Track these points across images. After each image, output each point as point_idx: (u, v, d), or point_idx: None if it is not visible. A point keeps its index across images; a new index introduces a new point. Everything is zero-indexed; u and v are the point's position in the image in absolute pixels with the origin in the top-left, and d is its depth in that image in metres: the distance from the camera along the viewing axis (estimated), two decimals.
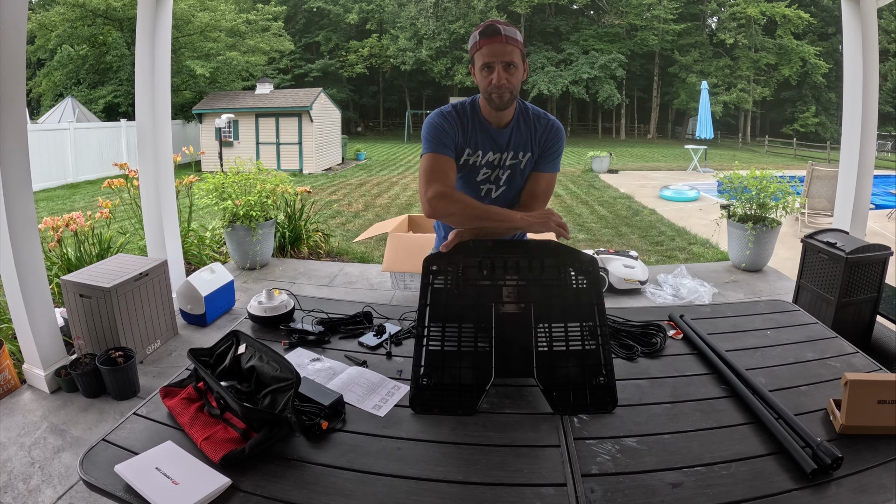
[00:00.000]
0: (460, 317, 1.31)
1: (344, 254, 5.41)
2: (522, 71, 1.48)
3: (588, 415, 1.21)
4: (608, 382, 1.25)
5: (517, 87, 1.48)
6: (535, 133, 1.58)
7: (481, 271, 1.34)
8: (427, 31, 29.03)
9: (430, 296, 1.31)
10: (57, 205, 9.34)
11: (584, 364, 1.26)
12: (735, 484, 0.99)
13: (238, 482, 1.00)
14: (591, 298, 1.31)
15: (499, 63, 1.43)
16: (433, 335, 1.29)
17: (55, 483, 1.99)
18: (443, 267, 1.33)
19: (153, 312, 3.03)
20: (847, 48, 3.48)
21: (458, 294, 1.32)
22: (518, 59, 1.45)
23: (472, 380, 1.26)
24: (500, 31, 1.42)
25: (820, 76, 27.05)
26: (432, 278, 1.32)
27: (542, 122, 1.59)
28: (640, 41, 28.37)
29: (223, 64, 19.16)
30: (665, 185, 10.45)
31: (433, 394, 1.24)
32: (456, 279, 1.33)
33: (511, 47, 1.43)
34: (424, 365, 1.27)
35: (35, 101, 22.69)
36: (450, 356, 1.28)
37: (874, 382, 1.12)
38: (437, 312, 1.31)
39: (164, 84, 3.44)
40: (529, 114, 1.60)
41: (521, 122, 1.57)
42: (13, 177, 2.33)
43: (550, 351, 1.28)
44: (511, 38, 1.43)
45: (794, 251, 4.60)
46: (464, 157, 1.57)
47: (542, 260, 1.34)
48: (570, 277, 1.33)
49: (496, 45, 1.42)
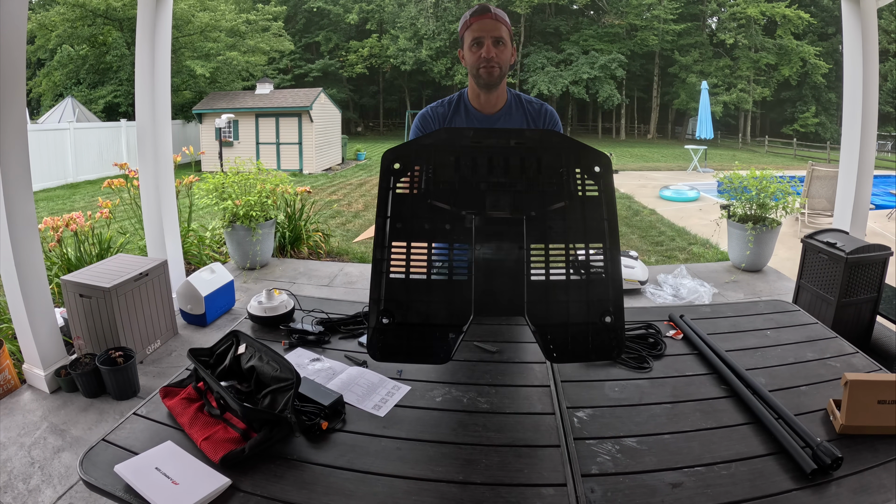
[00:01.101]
0: (430, 233, 1.02)
1: (344, 254, 5.41)
2: (511, 53, 1.53)
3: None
4: (615, 323, 1.00)
5: (506, 65, 1.51)
6: (528, 118, 1.58)
7: (458, 170, 1.04)
8: (427, 31, 29.03)
9: (391, 205, 1.02)
10: (57, 205, 9.34)
11: (587, 298, 1.00)
12: (735, 484, 0.99)
13: (238, 482, 1.00)
14: (601, 211, 1.02)
15: (488, 38, 1.47)
16: (395, 259, 1.01)
17: (55, 483, 1.99)
18: (407, 164, 1.03)
19: (153, 312, 3.03)
20: (847, 48, 3.48)
21: (428, 202, 1.02)
22: (507, 37, 1.50)
23: (445, 318, 1.00)
24: (489, 9, 1.48)
25: (820, 76, 27.06)
26: (394, 180, 1.02)
27: (534, 106, 1.61)
28: (640, 41, 28.37)
29: (223, 64, 19.17)
30: (665, 185, 10.45)
31: (396, 335, 1.00)
32: (425, 181, 1.03)
33: (500, 24, 1.48)
34: (385, 298, 1.00)
35: (35, 101, 22.70)
36: (416, 287, 1.01)
37: (874, 382, 1.12)
38: (401, 228, 1.01)
39: (164, 84, 3.44)
40: (522, 100, 1.62)
41: (514, 108, 1.59)
42: (13, 177, 2.33)
43: (546, 280, 1.01)
44: (500, 17, 1.49)
45: (794, 251, 4.60)
46: None
47: (540, 156, 1.03)
48: (576, 181, 1.03)
49: (486, 20, 1.47)
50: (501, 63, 1.49)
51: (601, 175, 1.03)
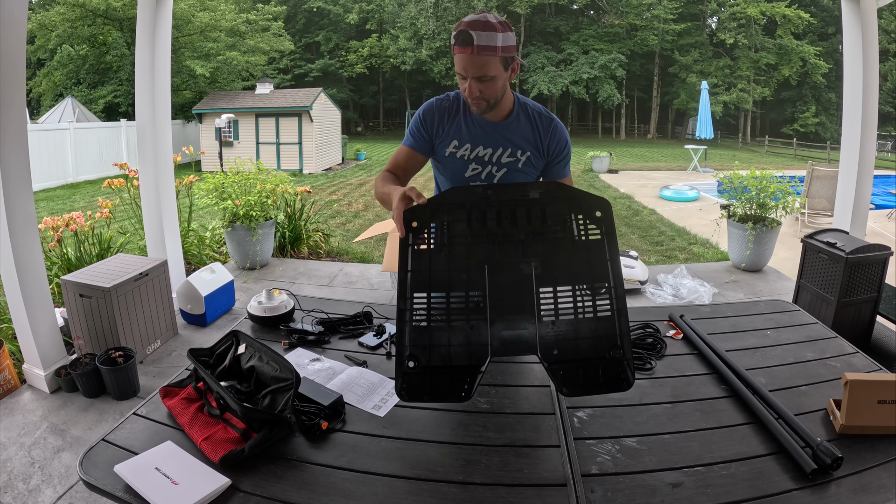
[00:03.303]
0: (448, 284, 1.12)
1: (344, 254, 5.41)
2: (506, 76, 1.36)
3: (600, 397, 1.09)
4: (624, 355, 1.07)
5: (497, 93, 1.37)
6: (536, 132, 1.48)
7: (470, 224, 1.14)
8: (427, 31, 29.03)
9: (412, 260, 1.12)
10: (57, 205, 9.34)
11: (596, 334, 1.08)
12: (735, 484, 0.99)
13: (238, 482, 1.00)
14: (605, 253, 1.10)
15: (470, 76, 1.32)
16: (417, 309, 1.11)
17: (55, 483, 1.99)
18: (425, 222, 1.14)
19: (153, 312, 3.03)
20: (847, 48, 3.47)
21: (445, 255, 1.12)
22: (494, 71, 1.31)
23: (464, 360, 1.09)
24: (471, 42, 1.27)
25: (820, 76, 27.05)
26: (413, 237, 1.13)
27: (544, 121, 1.48)
28: (640, 41, 28.36)
29: (223, 64, 19.16)
30: (665, 185, 10.45)
31: (421, 378, 1.09)
32: (441, 237, 1.14)
33: (484, 58, 1.29)
34: (409, 345, 1.10)
35: (35, 101, 22.69)
36: (438, 333, 1.10)
37: (874, 382, 1.12)
38: (421, 280, 1.12)
39: (164, 84, 3.44)
40: (529, 109, 1.49)
41: (522, 117, 1.47)
42: (13, 177, 2.33)
43: (556, 320, 1.10)
44: (485, 48, 1.28)
45: (794, 251, 4.60)
46: (448, 149, 1.47)
47: (544, 207, 1.13)
48: (579, 226, 1.13)
49: (466, 56, 1.29)
50: (489, 97, 1.36)
51: (602, 219, 1.12)
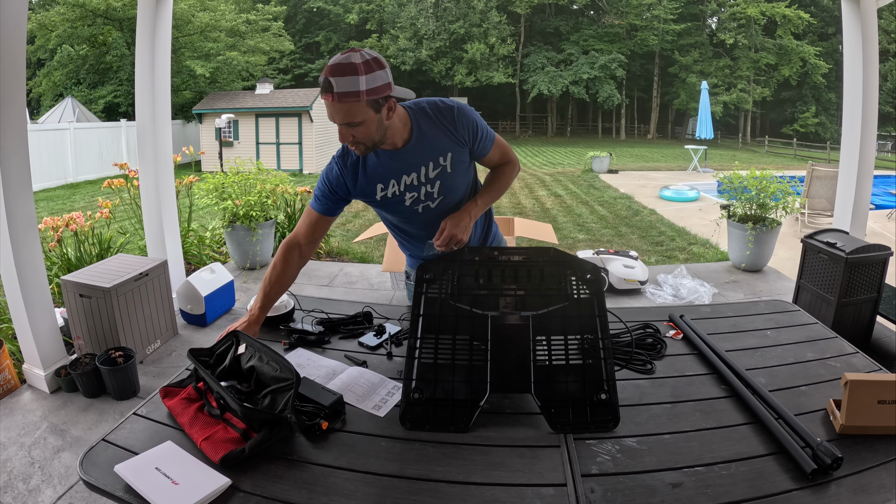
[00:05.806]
0: (454, 328, 1.25)
1: (344, 254, 5.41)
2: (378, 118, 1.25)
3: (588, 433, 1.15)
4: (610, 399, 1.18)
5: (372, 136, 1.28)
6: (445, 128, 1.41)
7: (477, 279, 1.29)
8: (427, 32, 29.04)
9: (424, 306, 1.26)
10: (57, 205, 9.34)
11: (584, 379, 1.20)
12: (735, 484, 0.99)
13: (238, 482, 1.00)
14: (594, 309, 1.24)
15: (338, 123, 1.25)
16: (426, 347, 1.24)
17: (55, 483, 1.99)
18: (437, 275, 1.29)
19: (153, 312, 3.03)
20: (847, 48, 3.47)
21: (453, 304, 1.27)
22: (361, 115, 1.22)
23: (465, 395, 1.19)
24: (331, 89, 1.18)
25: (820, 76, 27.08)
26: (426, 287, 1.27)
27: (446, 114, 1.40)
28: (640, 41, 28.38)
29: (223, 64, 19.17)
30: (665, 185, 10.45)
31: (424, 409, 1.19)
32: (451, 288, 1.28)
33: (347, 105, 1.19)
34: (416, 378, 1.21)
35: (35, 101, 22.69)
36: (443, 369, 1.22)
37: (874, 382, 1.12)
38: (431, 323, 1.25)
39: (164, 84, 3.44)
40: (428, 112, 1.40)
41: (425, 125, 1.40)
42: (13, 177, 2.33)
43: (549, 365, 1.22)
44: (345, 95, 1.18)
45: (794, 251, 4.60)
46: (378, 194, 1.45)
47: (542, 268, 1.29)
48: (572, 286, 1.27)
49: (329, 104, 1.21)
50: (364, 140, 1.29)
51: (592, 281, 1.27)
